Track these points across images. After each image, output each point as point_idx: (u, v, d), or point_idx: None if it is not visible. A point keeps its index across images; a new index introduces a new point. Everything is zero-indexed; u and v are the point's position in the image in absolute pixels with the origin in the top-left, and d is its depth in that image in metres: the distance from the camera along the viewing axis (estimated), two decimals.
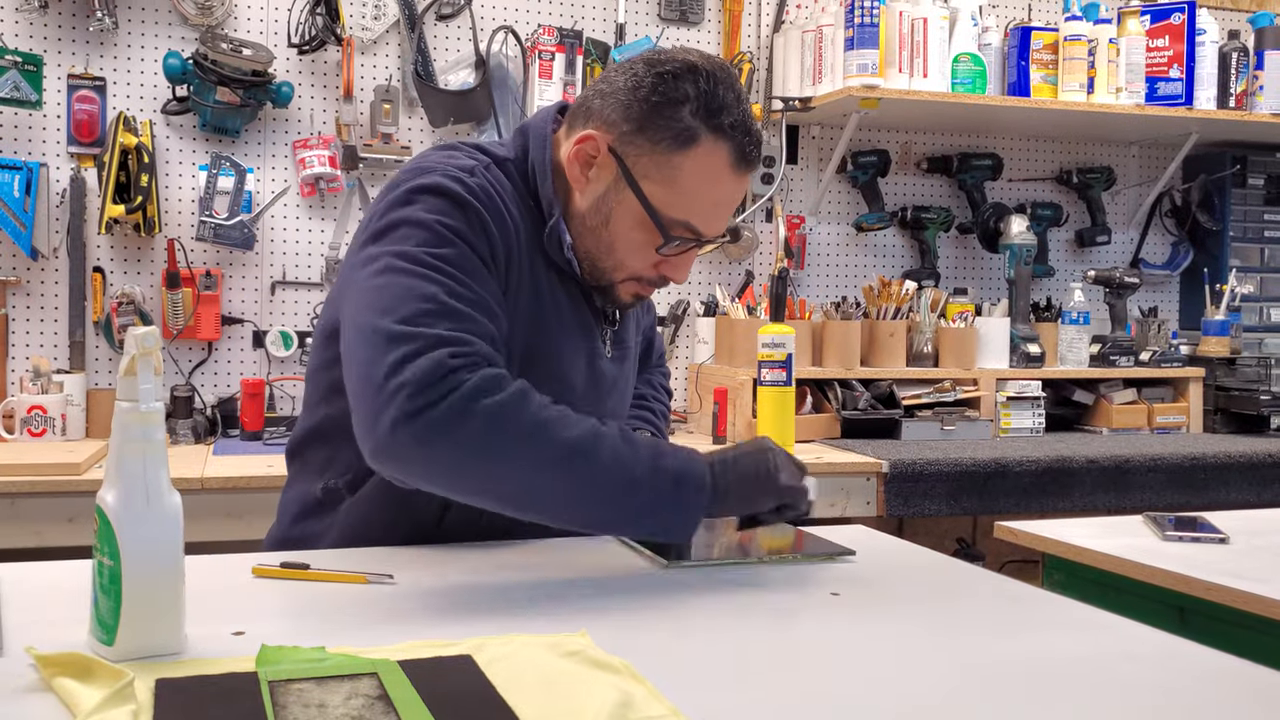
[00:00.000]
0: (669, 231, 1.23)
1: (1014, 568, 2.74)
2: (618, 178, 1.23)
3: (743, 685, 0.86)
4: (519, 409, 1.09)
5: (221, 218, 2.60)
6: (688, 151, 1.21)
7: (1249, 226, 3.38)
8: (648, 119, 1.21)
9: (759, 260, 3.10)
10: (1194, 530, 1.62)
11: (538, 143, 1.29)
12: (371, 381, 1.08)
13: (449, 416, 1.06)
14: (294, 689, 0.79)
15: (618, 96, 1.23)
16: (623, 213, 1.24)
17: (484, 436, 1.07)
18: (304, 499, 1.37)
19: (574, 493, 1.11)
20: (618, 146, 1.23)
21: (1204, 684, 0.90)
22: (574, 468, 1.10)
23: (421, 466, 1.09)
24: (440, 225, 1.17)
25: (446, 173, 1.21)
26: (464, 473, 1.09)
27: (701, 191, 1.23)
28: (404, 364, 1.07)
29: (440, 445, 1.06)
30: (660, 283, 1.32)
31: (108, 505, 0.87)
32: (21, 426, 2.40)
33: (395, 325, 1.09)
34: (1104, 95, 2.97)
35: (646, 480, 1.12)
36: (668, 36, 3.00)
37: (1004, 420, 2.83)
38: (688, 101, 1.20)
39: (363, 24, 2.76)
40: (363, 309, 1.13)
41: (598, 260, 1.28)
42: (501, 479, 1.10)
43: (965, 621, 1.08)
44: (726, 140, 1.21)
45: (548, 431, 1.09)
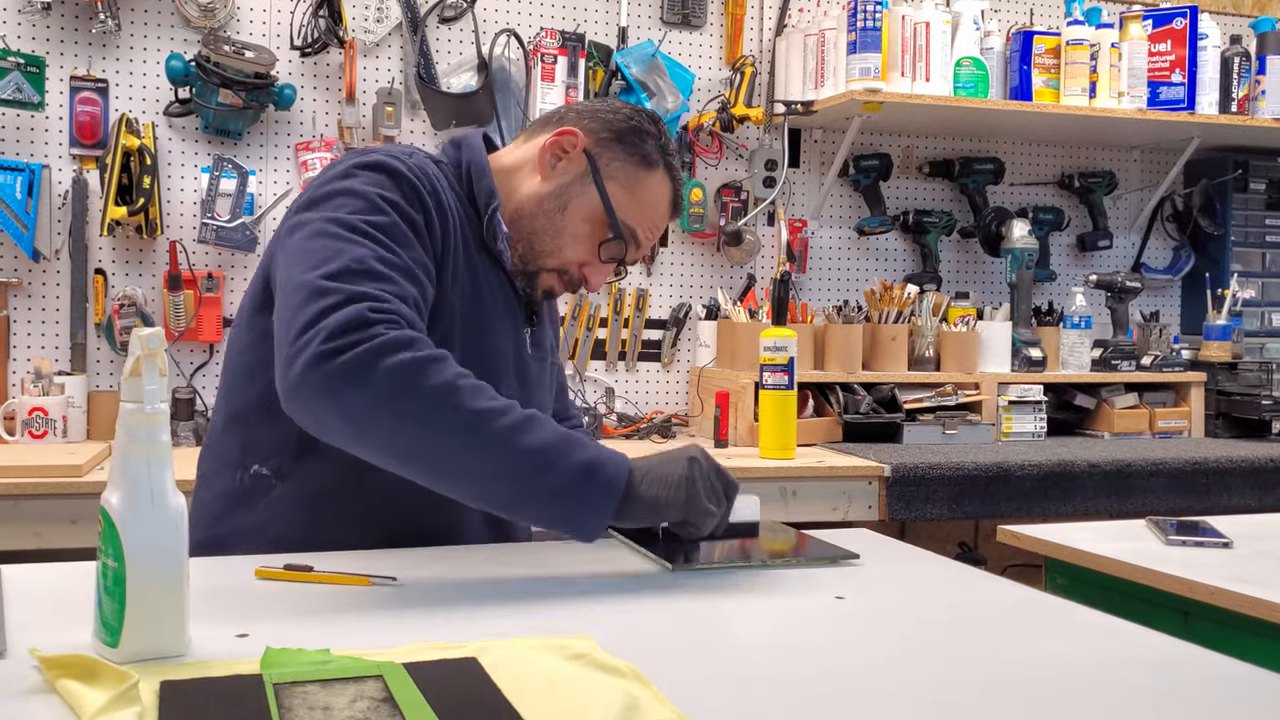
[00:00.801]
0: (618, 229, 1.36)
1: (1016, 572, 2.74)
2: (584, 174, 1.37)
3: (748, 688, 0.86)
4: (431, 370, 1.10)
5: (223, 220, 2.60)
6: (649, 172, 1.38)
7: (1250, 231, 3.38)
8: (623, 135, 1.38)
9: (761, 264, 3.10)
10: (1197, 535, 1.62)
11: (472, 150, 1.40)
12: (291, 328, 1.12)
13: (358, 365, 1.08)
14: (299, 691, 0.79)
15: (597, 114, 1.40)
16: (580, 204, 1.37)
17: (391, 390, 1.08)
18: (225, 493, 1.32)
19: (476, 463, 1.11)
20: (592, 148, 1.37)
21: (1210, 689, 0.90)
22: (479, 436, 1.10)
23: (326, 412, 1.10)
24: (377, 196, 1.23)
25: (387, 153, 1.29)
26: (367, 424, 1.10)
27: (649, 210, 1.39)
28: (324, 315, 1.10)
29: (346, 393, 1.08)
30: (576, 285, 1.41)
31: (112, 507, 0.87)
32: (23, 428, 2.40)
33: (320, 280, 1.13)
34: (1106, 100, 2.97)
35: (556, 464, 1.11)
36: (670, 40, 3.00)
37: (1005, 424, 2.82)
38: (652, 138, 1.39)
39: (365, 26, 2.76)
40: (292, 267, 1.18)
41: (537, 243, 1.37)
42: (403, 436, 1.10)
43: (970, 625, 1.08)
44: (671, 182, 1.41)
45: (458, 396, 1.10)
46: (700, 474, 1.19)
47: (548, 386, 1.51)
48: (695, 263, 3.06)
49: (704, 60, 3.05)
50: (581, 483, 1.12)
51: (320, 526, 1.29)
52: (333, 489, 1.29)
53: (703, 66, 3.04)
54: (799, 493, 2.36)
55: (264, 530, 1.30)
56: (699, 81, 3.02)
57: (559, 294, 1.44)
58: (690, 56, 3.03)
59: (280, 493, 1.30)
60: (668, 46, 2.98)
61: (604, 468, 1.14)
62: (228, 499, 1.33)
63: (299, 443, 1.27)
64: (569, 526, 1.15)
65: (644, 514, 1.17)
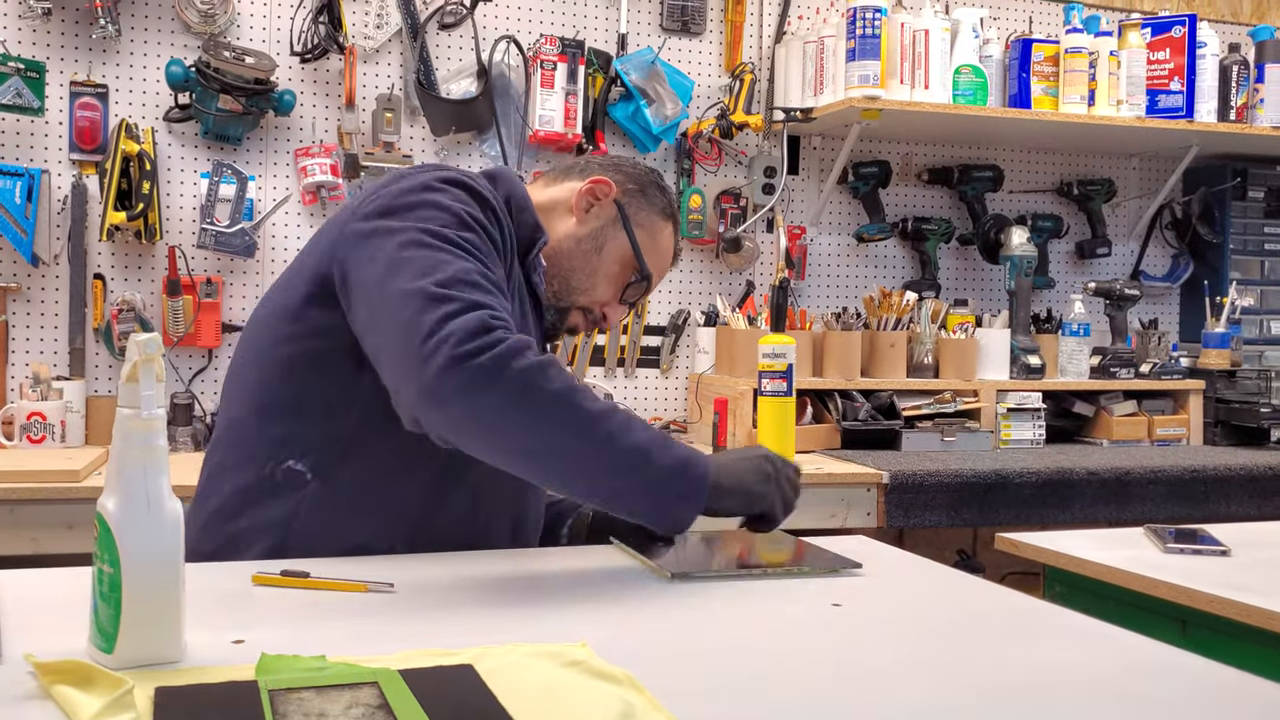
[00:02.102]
0: (645, 272, 1.48)
1: (1014, 579, 2.73)
2: (615, 220, 1.47)
3: (744, 697, 0.86)
4: (551, 374, 1.17)
5: (223, 225, 2.60)
6: (664, 223, 1.52)
7: (1249, 239, 3.39)
8: (646, 188, 1.51)
9: (760, 270, 3.10)
10: (1195, 543, 1.62)
11: (512, 184, 1.44)
12: (417, 333, 1.14)
13: (493, 367, 1.13)
14: (294, 698, 0.79)
15: (620, 167, 1.52)
16: (613, 248, 1.47)
17: (523, 390, 1.14)
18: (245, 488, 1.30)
19: (594, 457, 1.19)
20: (622, 198, 1.49)
21: (1208, 698, 0.90)
22: (597, 432, 1.18)
23: (463, 412, 1.14)
24: (464, 212, 1.28)
25: (464, 173, 1.35)
26: (502, 422, 1.15)
27: (663, 256, 1.53)
28: (449, 319, 1.14)
29: (483, 393, 1.13)
30: (597, 322, 1.52)
31: (108, 512, 0.87)
32: (21, 433, 2.40)
33: (435, 288, 1.17)
34: (1105, 108, 2.98)
35: (658, 456, 1.20)
36: (669, 47, 3.00)
37: (1004, 432, 2.82)
38: (665, 193, 1.54)
39: (365, 33, 2.77)
40: (390, 273, 1.20)
41: (574, 280, 1.47)
42: (533, 434, 1.16)
43: (968, 633, 1.07)
44: (676, 237, 1.56)
45: (576, 397, 1.18)
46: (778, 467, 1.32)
47: None
48: (694, 269, 3.06)
49: (703, 67, 3.05)
50: (677, 478, 1.21)
51: (345, 527, 1.29)
52: (369, 490, 1.30)
53: (702, 73, 3.05)
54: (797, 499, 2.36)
55: (282, 526, 1.28)
56: (698, 88, 3.03)
57: (581, 331, 1.54)
58: (690, 63, 3.04)
59: (313, 490, 1.28)
60: (667, 53, 2.99)
61: (695, 464, 1.22)
62: (246, 494, 1.30)
63: (350, 441, 1.29)
64: (664, 518, 1.22)
65: (732, 503, 1.27)
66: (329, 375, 1.30)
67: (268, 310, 1.37)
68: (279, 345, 1.33)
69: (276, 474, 1.29)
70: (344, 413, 1.30)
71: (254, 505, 1.29)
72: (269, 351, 1.34)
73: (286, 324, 1.32)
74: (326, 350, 1.29)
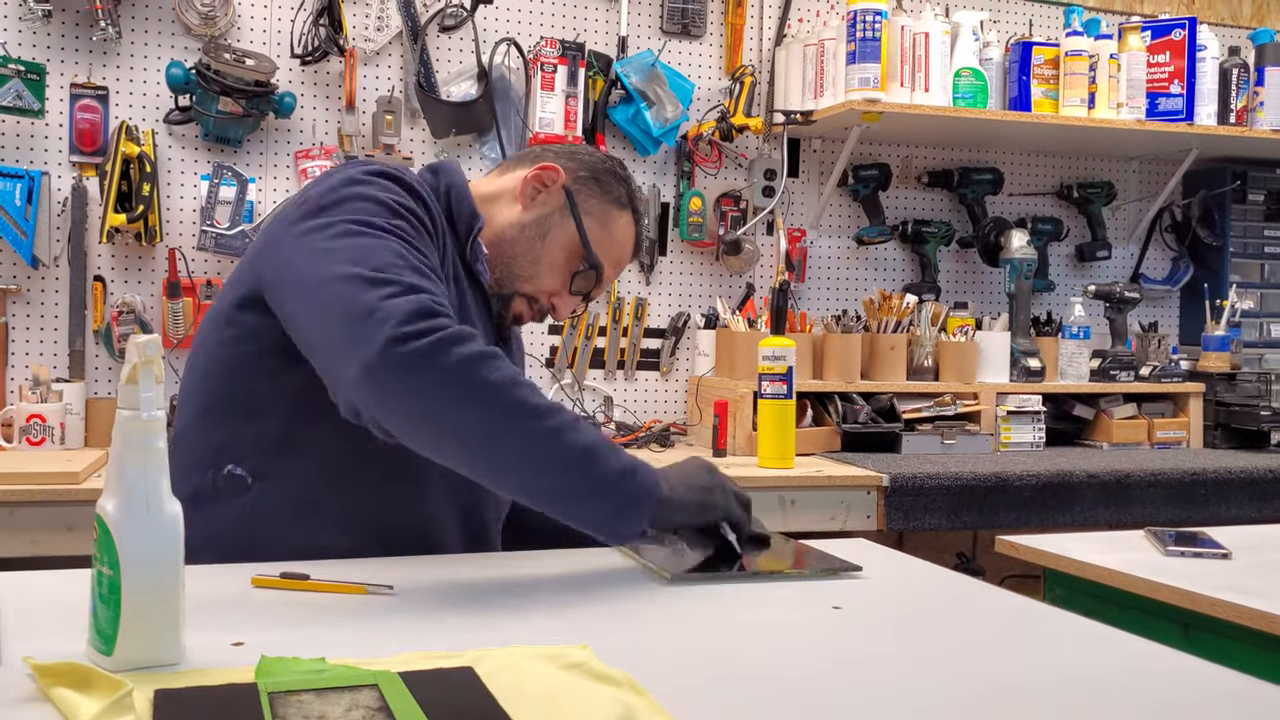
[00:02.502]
0: (593, 261, 1.43)
1: (1014, 582, 2.73)
2: (563, 207, 1.44)
3: (744, 699, 0.86)
4: (495, 363, 1.13)
5: (223, 227, 2.60)
6: (620, 213, 1.47)
7: (1249, 242, 3.39)
8: (600, 176, 1.47)
9: (760, 273, 3.10)
10: (1196, 546, 1.61)
11: (452, 174, 1.44)
12: (353, 314, 1.11)
13: (433, 351, 1.09)
14: (294, 700, 0.79)
15: (575, 155, 1.49)
16: (559, 235, 1.44)
17: (463, 376, 1.10)
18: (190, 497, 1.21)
19: (535, 452, 1.14)
20: (571, 185, 1.45)
21: (1209, 701, 0.89)
22: (539, 427, 1.13)
23: (401, 394, 1.10)
24: (393, 200, 1.26)
25: (389, 164, 1.33)
26: (440, 406, 1.11)
27: (617, 247, 1.48)
28: (388, 299, 1.11)
29: (421, 375, 1.09)
30: (543, 314, 1.48)
31: (108, 514, 0.87)
32: (20, 435, 2.39)
33: (369, 271, 1.13)
34: (1105, 110, 2.98)
35: (599, 464, 1.15)
36: (670, 49, 3.00)
37: (1004, 434, 2.82)
38: (624, 182, 1.49)
39: (365, 35, 2.77)
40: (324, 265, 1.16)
41: (516, 267, 1.43)
42: (471, 422, 1.12)
43: (969, 636, 1.07)
44: (637, 227, 1.50)
45: (519, 390, 1.13)
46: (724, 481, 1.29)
47: None
48: (694, 272, 3.06)
49: (703, 70, 3.05)
50: (620, 483, 1.16)
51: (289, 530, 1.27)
52: (311, 490, 1.27)
53: (702, 76, 3.05)
54: (797, 502, 2.36)
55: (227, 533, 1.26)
56: (698, 91, 3.03)
57: (526, 320, 1.49)
58: (690, 66, 3.04)
59: (254, 494, 1.28)
60: (667, 56, 2.99)
61: (640, 472, 1.19)
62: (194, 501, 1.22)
63: (286, 442, 1.27)
64: (605, 524, 1.18)
65: (679, 515, 1.23)
66: (260, 376, 1.28)
67: (208, 317, 1.37)
68: (214, 350, 1.33)
69: (219, 480, 1.28)
70: (276, 413, 1.28)
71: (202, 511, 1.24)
72: (207, 357, 1.34)
73: (221, 329, 1.32)
74: (257, 351, 1.28)
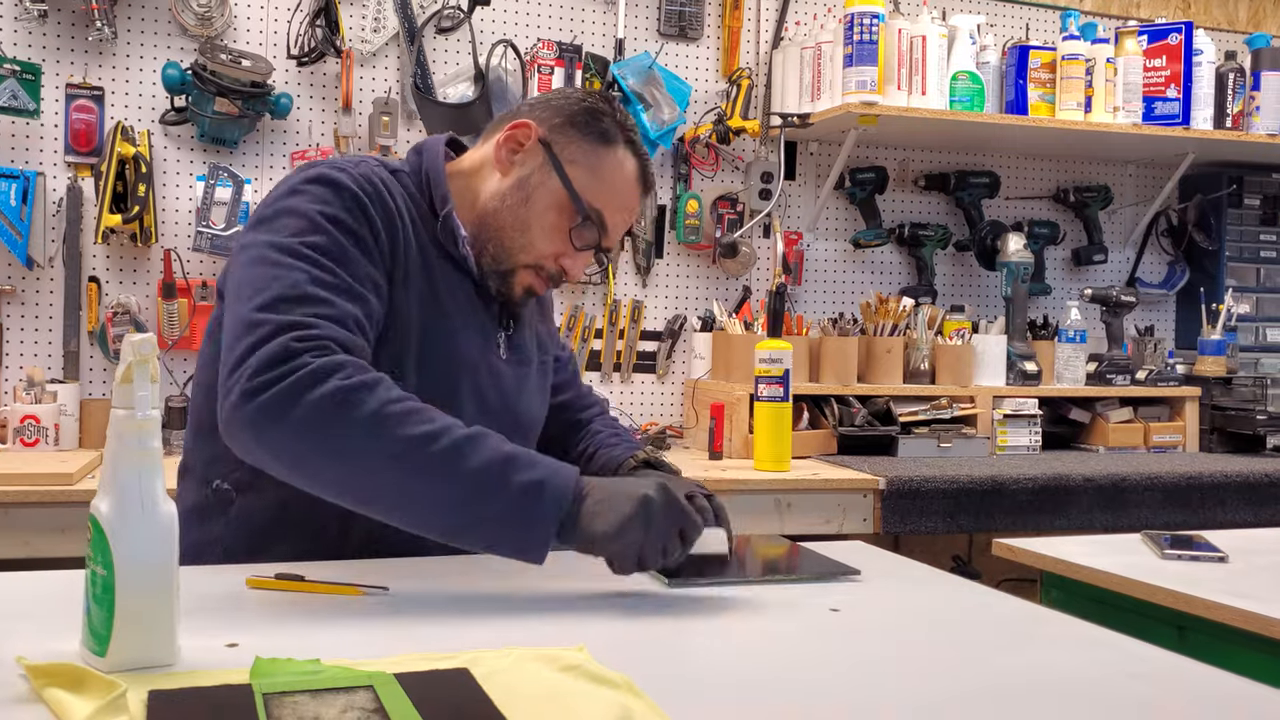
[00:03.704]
0: (585, 212, 1.32)
1: (1010, 586, 2.72)
2: (544, 164, 1.33)
3: (742, 701, 0.86)
4: (357, 398, 1.09)
5: (218, 228, 2.59)
6: (608, 148, 1.35)
7: (1245, 246, 3.39)
8: (576, 116, 1.35)
9: (756, 276, 3.10)
10: (1192, 549, 1.62)
11: (431, 155, 1.37)
12: (225, 365, 1.13)
13: (281, 400, 1.08)
14: (289, 701, 0.78)
15: (550, 102, 1.38)
16: (544, 194, 1.33)
17: (316, 423, 1.08)
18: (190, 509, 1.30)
19: (411, 491, 1.09)
20: (548, 135, 1.34)
21: (1206, 703, 0.89)
22: (410, 464, 1.08)
23: (257, 448, 1.12)
24: (319, 214, 1.22)
25: (332, 164, 1.29)
26: (295, 458, 1.11)
27: (615, 188, 1.35)
28: (252, 350, 1.11)
29: (271, 428, 1.09)
30: (556, 278, 1.37)
31: (102, 514, 0.86)
32: (14, 436, 2.39)
33: (253, 312, 1.14)
34: (1101, 114, 2.98)
35: (492, 488, 1.07)
36: (667, 52, 3.00)
37: (1000, 438, 2.82)
38: (608, 115, 1.36)
39: (362, 36, 2.76)
40: (233, 296, 1.20)
41: (507, 239, 1.34)
42: (332, 468, 1.10)
43: (966, 638, 1.07)
44: (635, 156, 1.36)
45: (386, 425, 1.08)
46: (652, 515, 1.11)
47: (536, 389, 1.47)
48: (691, 274, 3.06)
49: (701, 72, 3.05)
50: (520, 507, 1.08)
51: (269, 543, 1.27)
52: (285, 506, 1.26)
53: (699, 79, 3.05)
54: (794, 505, 2.36)
55: (217, 544, 1.29)
56: (695, 93, 3.03)
57: (540, 291, 1.39)
58: (687, 68, 3.04)
59: (238, 508, 1.29)
60: (664, 58, 2.99)
61: (544, 489, 1.08)
62: (191, 514, 1.30)
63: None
64: (510, 551, 1.11)
65: (585, 544, 1.11)
66: None
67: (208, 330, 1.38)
68: (204, 367, 1.35)
69: (209, 494, 1.31)
70: None
71: (197, 525, 1.30)
72: (200, 373, 1.37)
73: (205, 344, 1.35)
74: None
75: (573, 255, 1.35)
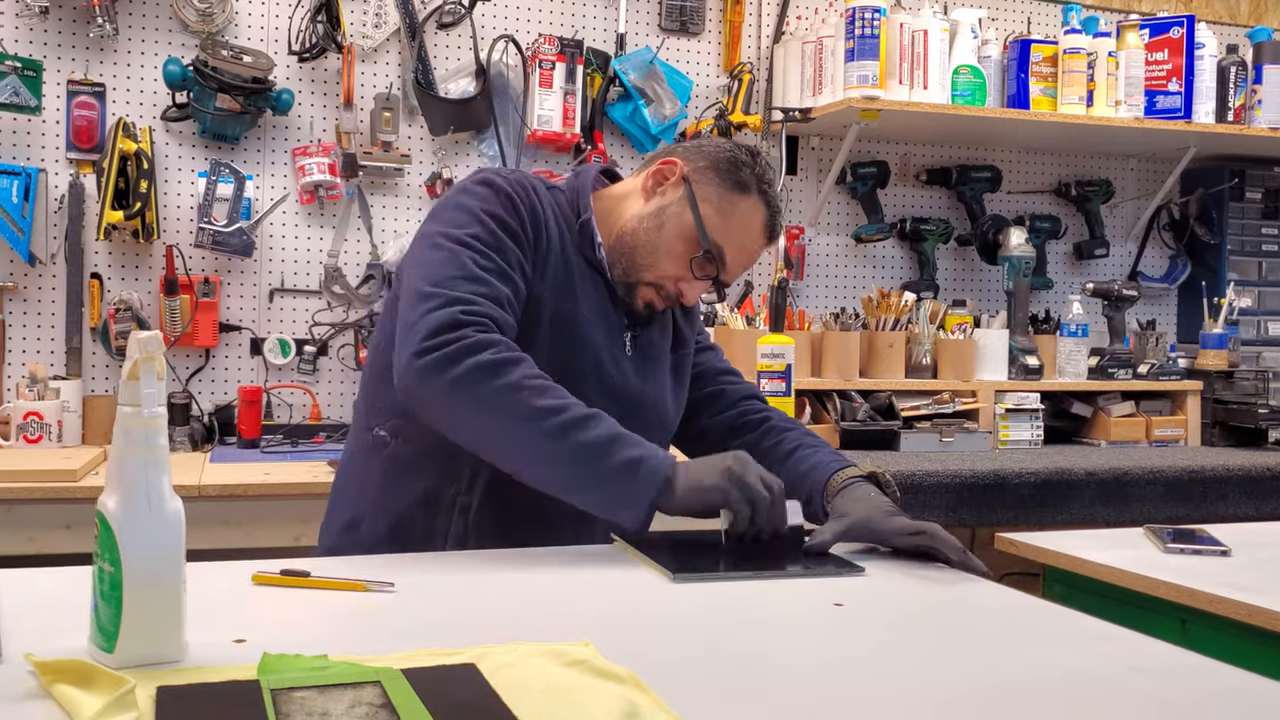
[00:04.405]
0: (708, 246, 1.47)
1: (1013, 580, 2.72)
2: (682, 198, 1.50)
3: (747, 696, 0.86)
4: (504, 369, 1.28)
5: (220, 224, 2.59)
6: (741, 196, 1.50)
7: (1247, 240, 3.39)
8: (719, 163, 1.51)
9: (758, 271, 3.10)
10: (1195, 543, 1.62)
11: (583, 178, 1.56)
12: (402, 325, 1.34)
13: (444, 361, 1.28)
14: (296, 697, 0.79)
15: (700, 148, 1.54)
16: (676, 224, 1.49)
17: (468, 382, 1.28)
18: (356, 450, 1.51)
19: (538, 447, 1.28)
20: (690, 175, 1.51)
21: (1208, 697, 0.90)
22: (536, 427, 1.27)
23: (424, 399, 1.31)
24: (479, 208, 1.42)
25: (496, 171, 1.49)
26: (449, 409, 1.31)
27: (739, 231, 1.50)
28: (425, 315, 1.31)
29: (434, 381, 1.29)
30: (673, 299, 1.52)
31: (109, 511, 0.87)
32: (18, 433, 2.39)
33: (427, 286, 1.35)
34: (1103, 108, 2.98)
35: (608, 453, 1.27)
36: (668, 46, 3.00)
37: (1002, 432, 2.82)
38: (748, 167, 1.51)
39: (363, 32, 2.76)
40: (411, 275, 1.40)
41: (637, 256, 1.50)
42: (476, 422, 1.31)
43: (970, 633, 1.07)
44: (766, 206, 1.51)
45: (523, 393, 1.28)
46: (744, 465, 1.31)
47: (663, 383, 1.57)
48: None
49: (702, 67, 3.05)
50: (624, 474, 1.26)
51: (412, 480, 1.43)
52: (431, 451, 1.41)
53: (701, 73, 3.05)
54: None
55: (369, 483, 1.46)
56: (697, 88, 3.02)
57: (660, 308, 1.53)
58: (688, 63, 3.03)
59: (390, 450, 1.45)
60: (666, 53, 2.98)
61: (645, 463, 1.27)
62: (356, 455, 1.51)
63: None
64: (614, 510, 1.28)
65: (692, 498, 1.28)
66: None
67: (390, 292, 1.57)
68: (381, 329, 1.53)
69: (370, 439, 1.48)
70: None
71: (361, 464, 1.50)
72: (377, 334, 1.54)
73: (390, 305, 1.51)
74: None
75: (690, 282, 1.50)
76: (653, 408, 1.54)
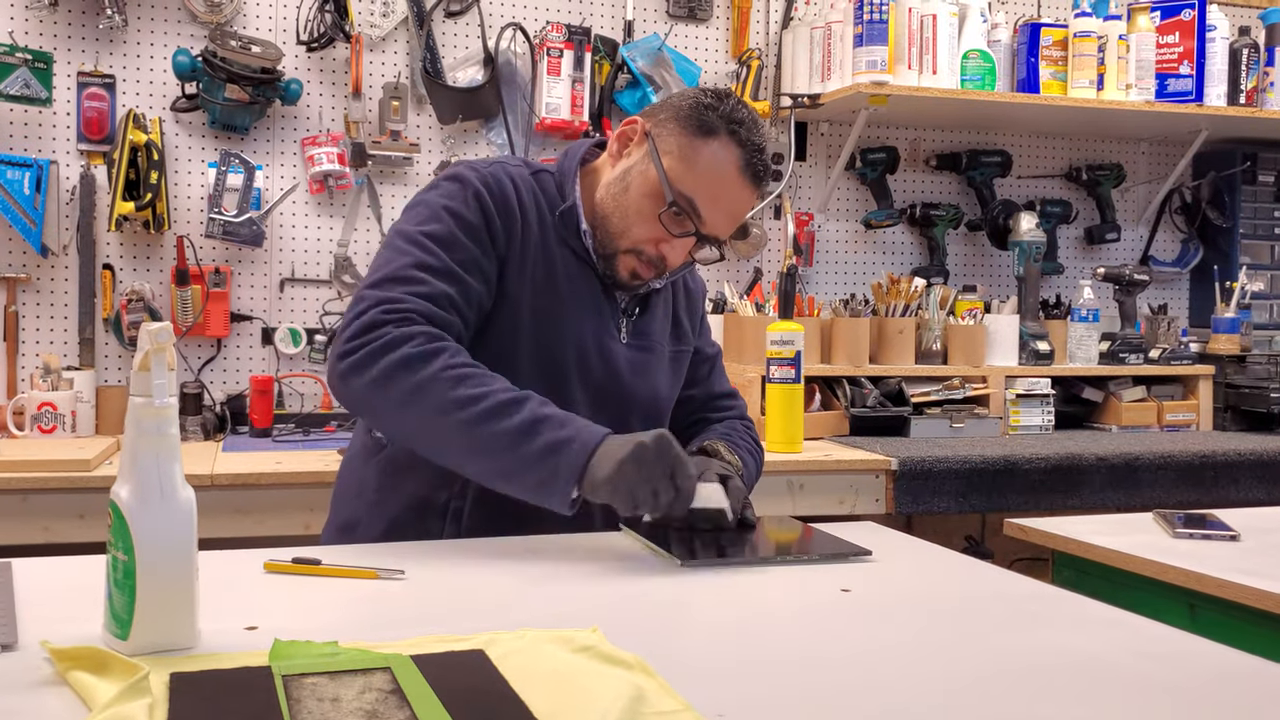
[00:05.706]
0: (674, 199, 1.39)
1: (1023, 565, 2.73)
2: (646, 154, 1.42)
3: (754, 681, 0.86)
4: (422, 363, 1.26)
5: (230, 215, 2.60)
6: (706, 140, 1.40)
7: (1259, 224, 3.37)
8: (680, 111, 1.42)
9: (767, 257, 3.10)
10: (1204, 527, 1.62)
11: (570, 156, 1.51)
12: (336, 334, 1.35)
13: (362, 361, 1.28)
14: (307, 683, 0.80)
15: (666, 102, 1.47)
16: (641, 181, 1.41)
17: (384, 381, 1.27)
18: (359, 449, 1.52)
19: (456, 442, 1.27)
20: (652, 129, 1.43)
21: (1217, 681, 0.90)
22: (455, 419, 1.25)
23: (349, 401, 1.32)
24: (442, 206, 1.39)
25: (468, 164, 1.45)
26: (373, 408, 1.32)
27: (710, 178, 1.40)
28: (353, 319, 1.31)
29: (355, 383, 1.29)
30: (657, 264, 1.44)
31: (122, 500, 0.88)
32: (32, 423, 2.41)
33: (363, 289, 1.35)
34: (1114, 92, 2.96)
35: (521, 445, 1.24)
36: (676, 33, 3.00)
37: (1013, 418, 2.82)
38: (714, 108, 1.41)
39: (371, 21, 2.76)
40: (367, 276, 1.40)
41: (610, 225, 1.44)
42: (399, 418, 1.30)
43: (978, 618, 1.08)
44: (738, 146, 1.40)
45: (440, 385, 1.26)
46: (644, 457, 1.21)
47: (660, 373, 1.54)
48: None
49: (710, 54, 3.04)
50: (544, 462, 1.23)
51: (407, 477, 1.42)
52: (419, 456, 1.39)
53: (709, 60, 3.04)
54: (806, 486, 2.36)
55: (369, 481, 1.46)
56: (705, 75, 3.02)
57: (645, 276, 1.45)
58: (696, 50, 3.03)
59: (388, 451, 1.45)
60: (674, 40, 2.98)
61: (568, 446, 1.23)
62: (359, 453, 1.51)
63: None
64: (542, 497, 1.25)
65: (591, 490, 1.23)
66: None
67: None
68: None
69: (370, 440, 1.49)
70: None
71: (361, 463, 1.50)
72: None
73: None
74: None
75: (670, 241, 1.42)
76: (643, 399, 1.50)
